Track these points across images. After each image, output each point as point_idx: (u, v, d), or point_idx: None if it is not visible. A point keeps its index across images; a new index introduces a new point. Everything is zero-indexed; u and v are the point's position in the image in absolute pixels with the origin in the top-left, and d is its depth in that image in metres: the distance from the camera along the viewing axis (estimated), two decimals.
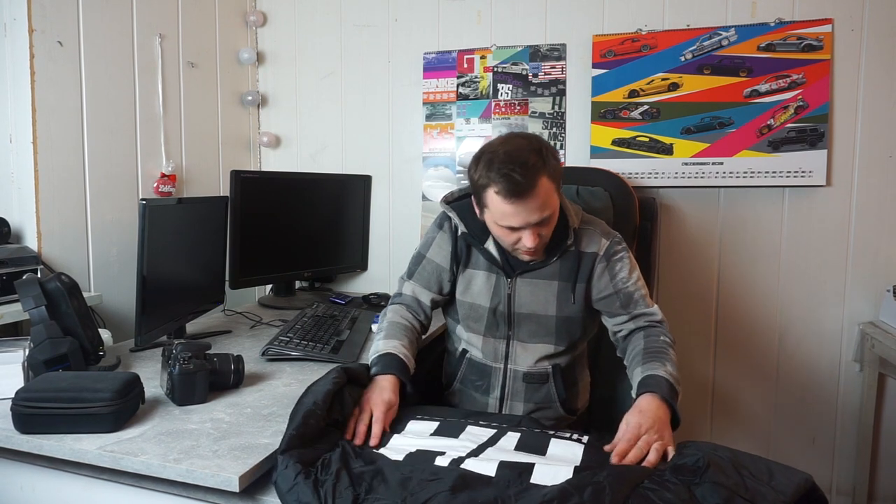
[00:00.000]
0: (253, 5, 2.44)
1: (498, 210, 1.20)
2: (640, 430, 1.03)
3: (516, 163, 1.15)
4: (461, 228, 1.37)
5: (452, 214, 1.38)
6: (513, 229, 1.22)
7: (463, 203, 1.38)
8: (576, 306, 1.34)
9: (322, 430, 1.01)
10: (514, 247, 1.26)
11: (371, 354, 1.28)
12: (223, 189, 2.27)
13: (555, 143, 2.14)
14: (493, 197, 1.19)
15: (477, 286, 1.37)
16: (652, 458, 0.99)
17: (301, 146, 2.46)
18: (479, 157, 1.22)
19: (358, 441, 1.05)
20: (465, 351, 1.44)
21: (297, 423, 0.98)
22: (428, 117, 2.28)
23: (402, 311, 1.39)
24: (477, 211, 1.31)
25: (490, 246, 1.35)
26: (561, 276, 1.33)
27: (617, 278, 1.32)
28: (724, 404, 2.08)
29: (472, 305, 1.38)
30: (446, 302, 1.46)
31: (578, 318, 1.35)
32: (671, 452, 1.01)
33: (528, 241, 1.21)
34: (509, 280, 1.34)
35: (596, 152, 2.07)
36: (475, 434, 1.09)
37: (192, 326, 1.72)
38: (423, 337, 1.44)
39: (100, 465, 0.97)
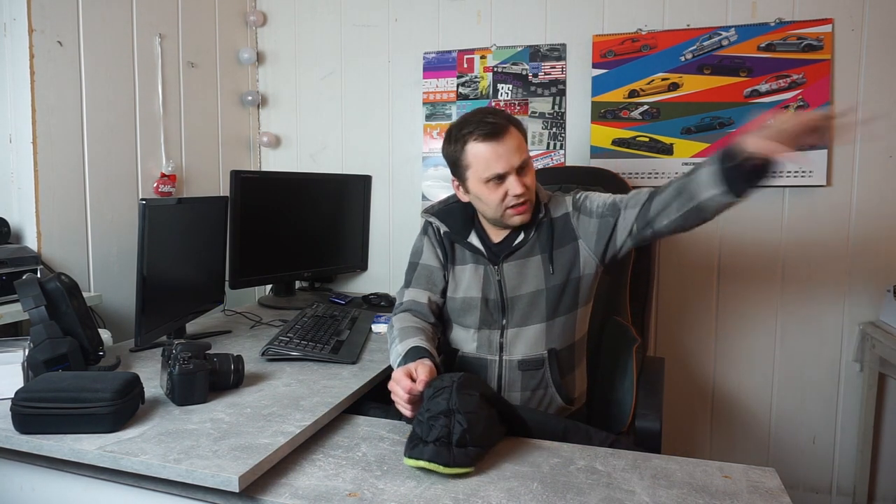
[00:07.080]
0: (253, 5, 2.44)
1: (482, 160, 1.27)
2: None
3: (485, 112, 1.29)
4: (443, 229, 1.43)
5: (433, 219, 1.46)
6: (499, 180, 1.28)
7: (441, 210, 1.46)
8: (555, 277, 1.35)
9: None
10: (505, 206, 1.30)
11: (393, 360, 1.28)
12: (223, 189, 2.27)
13: (555, 143, 2.14)
14: (473, 149, 1.28)
15: (466, 280, 1.41)
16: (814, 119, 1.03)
17: (301, 146, 2.46)
18: (449, 132, 1.34)
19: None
20: (455, 350, 1.45)
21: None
22: (428, 117, 2.28)
23: (407, 316, 1.40)
24: (461, 193, 1.38)
25: (473, 239, 1.40)
26: (541, 247, 1.37)
27: (594, 206, 1.34)
28: (725, 404, 2.08)
29: (465, 300, 1.40)
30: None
31: (562, 285, 1.36)
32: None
33: (516, 187, 1.27)
34: (496, 267, 1.38)
35: (596, 152, 2.07)
36: None
37: (192, 326, 1.72)
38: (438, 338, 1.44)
39: (100, 465, 0.97)
